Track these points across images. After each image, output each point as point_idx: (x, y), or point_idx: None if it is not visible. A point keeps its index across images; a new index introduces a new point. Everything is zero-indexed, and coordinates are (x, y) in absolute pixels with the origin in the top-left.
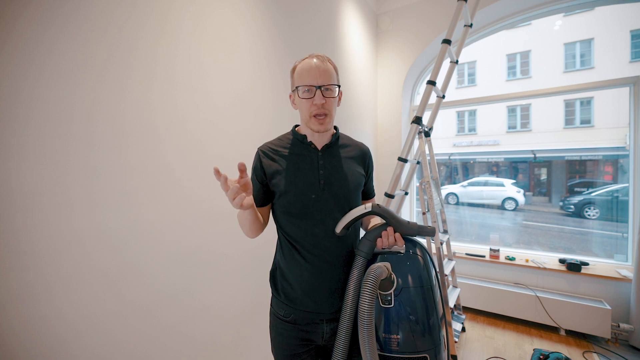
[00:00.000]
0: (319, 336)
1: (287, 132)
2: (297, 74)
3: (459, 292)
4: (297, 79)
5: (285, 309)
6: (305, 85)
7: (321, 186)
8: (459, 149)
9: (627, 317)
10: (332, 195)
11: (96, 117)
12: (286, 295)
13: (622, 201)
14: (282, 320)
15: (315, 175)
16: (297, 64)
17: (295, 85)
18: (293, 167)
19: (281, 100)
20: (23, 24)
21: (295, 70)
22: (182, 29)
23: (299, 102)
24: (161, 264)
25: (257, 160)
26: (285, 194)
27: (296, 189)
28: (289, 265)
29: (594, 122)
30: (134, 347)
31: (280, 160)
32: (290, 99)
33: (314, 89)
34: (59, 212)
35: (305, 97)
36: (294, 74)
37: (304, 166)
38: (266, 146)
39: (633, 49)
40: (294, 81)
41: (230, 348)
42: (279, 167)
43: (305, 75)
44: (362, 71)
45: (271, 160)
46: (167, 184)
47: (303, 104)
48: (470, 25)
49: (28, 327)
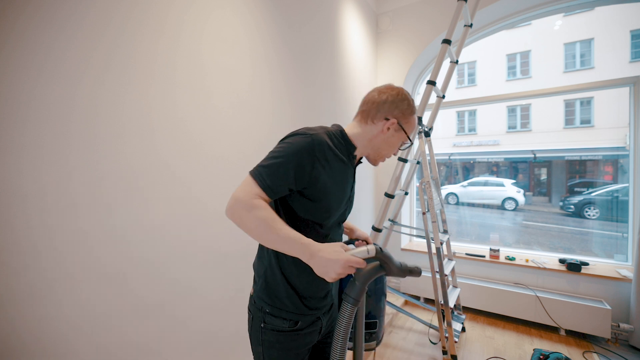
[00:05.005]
0: (317, 333)
1: (336, 131)
2: (411, 126)
3: (459, 292)
4: (409, 128)
5: (290, 318)
6: (409, 140)
7: (346, 203)
8: (459, 149)
9: (627, 317)
10: (347, 210)
11: (97, 117)
12: (292, 303)
13: (622, 201)
14: (288, 332)
15: (347, 191)
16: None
17: (407, 132)
18: (336, 179)
19: (281, 100)
20: (23, 24)
21: (412, 120)
22: (182, 29)
23: (391, 141)
24: (164, 262)
25: (311, 161)
26: (318, 202)
27: (331, 203)
28: (293, 266)
29: (594, 122)
30: (145, 343)
31: (328, 168)
32: (388, 124)
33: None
34: (60, 212)
35: (398, 147)
36: (409, 119)
37: (343, 180)
38: (326, 145)
39: (633, 48)
40: (407, 127)
41: (235, 337)
42: (326, 176)
43: (413, 133)
44: (362, 71)
45: (322, 167)
46: (168, 183)
47: (390, 146)
48: (470, 25)
49: (31, 326)
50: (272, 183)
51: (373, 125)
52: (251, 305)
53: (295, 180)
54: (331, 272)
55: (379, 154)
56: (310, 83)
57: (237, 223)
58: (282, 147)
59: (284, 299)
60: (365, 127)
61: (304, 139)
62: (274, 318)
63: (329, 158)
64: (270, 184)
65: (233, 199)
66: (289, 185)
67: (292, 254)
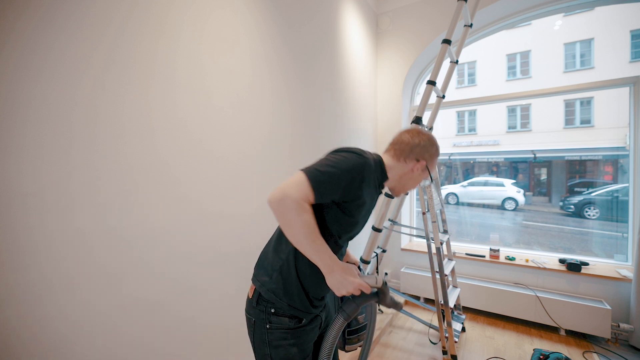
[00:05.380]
0: (318, 329)
1: (377, 160)
2: (434, 165)
3: (459, 292)
4: (432, 169)
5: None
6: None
7: (361, 226)
8: (459, 149)
9: (627, 317)
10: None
11: (97, 117)
12: (300, 300)
13: (622, 201)
14: (293, 329)
15: (370, 214)
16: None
17: (430, 169)
18: (368, 202)
19: (281, 100)
20: (23, 24)
21: (435, 162)
22: (182, 29)
23: (417, 178)
24: (164, 262)
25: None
26: (350, 217)
27: (359, 220)
28: (307, 267)
29: (594, 122)
30: (145, 343)
31: (367, 190)
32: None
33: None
34: (60, 212)
35: (420, 182)
36: (434, 161)
37: (372, 204)
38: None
39: (633, 48)
40: (432, 168)
41: (240, 332)
42: (365, 197)
43: (434, 172)
44: (362, 71)
45: (366, 187)
46: (168, 183)
47: (415, 182)
48: (470, 25)
49: (30, 326)
50: (324, 189)
51: (404, 164)
52: (252, 309)
53: (343, 193)
54: (342, 289)
55: (404, 188)
56: (310, 83)
57: (278, 215)
58: (337, 159)
59: (294, 295)
60: (397, 163)
61: (359, 159)
62: (279, 317)
63: (370, 182)
64: (321, 190)
65: (284, 194)
66: (335, 196)
67: (316, 262)
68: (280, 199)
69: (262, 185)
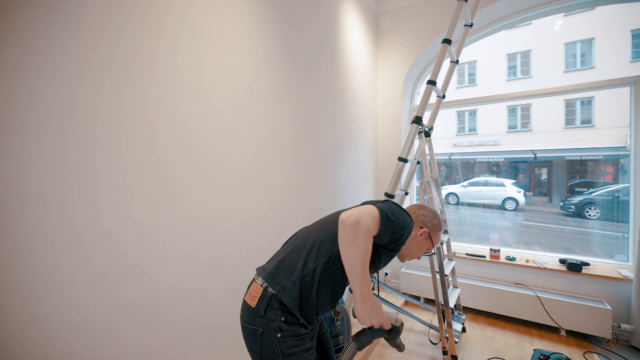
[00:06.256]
0: (316, 331)
1: None
2: (437, 239)
3: (459, 292)
4: (435, 242)
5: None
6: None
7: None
8: (459, 149)
9: (627, 318)
10: None
11: (96, 117)
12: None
13: (622, 201)
14: (303, 335)
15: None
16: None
17: (432, 244)
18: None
19: (281, 100)
20: (23, 24)
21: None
22: (182, 29)
23: (420, 245)
24: (160, 264)
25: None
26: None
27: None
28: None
29: (595, 122)
30: (141, 344)
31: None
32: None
33: None
34: (60, 212)
35: (423, 252)
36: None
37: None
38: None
39: (634, 48)
40: (434, 239)
41: (236, 334)
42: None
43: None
44: (362, 71)
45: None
46: (167, 184)
47: (418, 249)
48: (470, 25)
49: (27, 326)
50: (385, 232)
51: (419, 238)
52: (257, 319)
53: (392, 241)
54: (367, 320)
55: (408, 252)
56: (310, 83)
57: (348, 235)
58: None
59: (308, 305)
60: None
61: (411, 225)
62: (290, 325)
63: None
64: (384, 231)
65: (361, 219)
66: (386, 241)
67: (355, 288)
68: (357, 221)
69: (262, 187)
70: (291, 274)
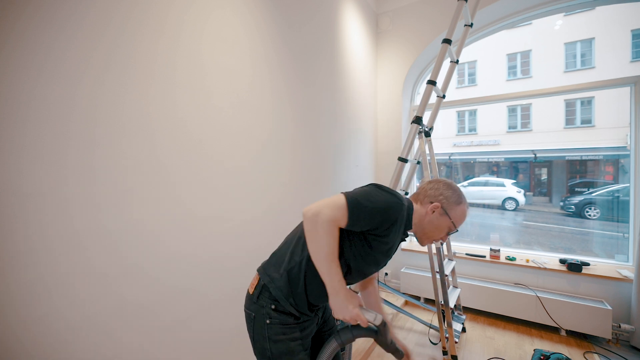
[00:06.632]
0: (315, 324)
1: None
2: (457, 214)
3: (459, 292)
4: (456, 218)
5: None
6: (455, 228)
7: (381, 264)
8: (459, 149)
9: (628, 318)
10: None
11: (96, 118)
12: (301, 302)
13: (623, 201)
14: (292, 324)
15: (389, 256)
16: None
17: (452, 220)
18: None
19: (281, 100)
20: (23, 24)
21: (458, 209)
22: (182, 29)
23: (436, 223)
24: (159, 265)
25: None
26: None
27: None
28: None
29: (595, 122)
30: (141, 344)
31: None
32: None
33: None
34: (60, 212)
35: (445, 232)
36: (454, 207)
37: (392, 247)
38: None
39: (634, 48)
40: (452, 214)
41: (235, 335)
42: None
43: (460, 221)
44: (362, 71)
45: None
46: (168, 184)
47: (436, 228)
48: (470, 25)
49: (27, 326)
50: (357, 218)
51: (422, 207)
52: (252, 304)
53: (373, 227)
54: (339, 313)
55: (425, 233)
56: (310, 83)
57: (308, 228)
58: (380, 197)
59: (297, 297)
60: (417, 207)
61: (398, 204)
62: (279, 313)
63: (399, 228)
64: (355, 218)
65: (320, 210)
66: (365, 227)
67: (325, 281)
68: (315, 214)
69: (262, 187)
70: (279, 266)
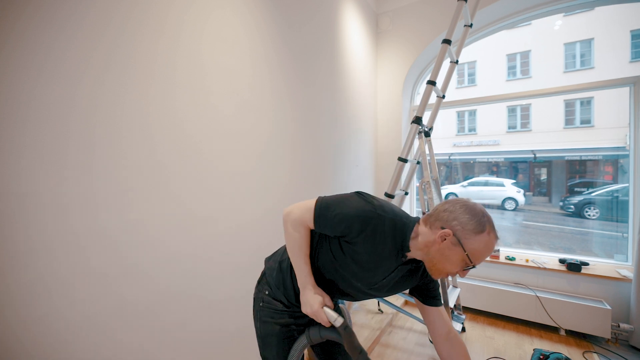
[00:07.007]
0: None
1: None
2: (475, 246)
3: (459, 292)
4: (473, 251)
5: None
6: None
7: (372, 287)
8: (459, 149)
9: (627, 317)
10: (372, 294)
11: (95, 118)
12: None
13: (622, 201)
14: (280, 310)
15: (376, 278)
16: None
17: (466, 253)
18: (371, 258)
19: (281, 100)
20: (23, 24)
21: (476, 240)
22: (182, 29)
23: (447, 254)
24: (158, 265)
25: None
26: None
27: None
28: None
29: (594, 122)
30: (138, 346)
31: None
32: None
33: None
34: (60, 212)
35: (460, 267)
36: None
37: (379, 266)
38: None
39: (633, 49)
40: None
41: (235, 335)
42: (363, 248)
43: (479, 256)
44: (362, 71)
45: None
46: (167, 184)
47: (447, 260)
48: (470, 25)
49: (27, 326)
50: (323, 222)
51: (430, 232)
52: (256, 287)
53: (342, 233)
54: (304, 307)
55: (433, 265)
56: (310, 83)
57: (283, 226)
58: (353, 204)
59: (287, 288)
60: (425, 230)
61: (371, 211)
62: (270, 299)
63: (376, 238)
64: (320, 222)
65: (292, 210)
66: (334, 233)
67: (296, 274)
68: (287, 213)
69: (262, 187)
70: (277, 257)
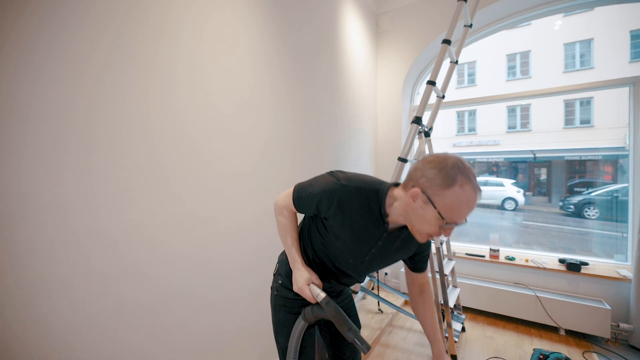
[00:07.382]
0: None
1: (374, 192)
2: (446, 201)
3: (459, 292)
4: (444, 206)
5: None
6: (444, 220)
7: (364, 260)
8: (459, 149)
9: (626, 317)
10: (368, 267)
11: (95, 118)
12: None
13: (621, 201)
14: (292, 299)
15: (363, 249)
16: (458, 185)
17: (441, 212)
18: (352, 231)
19: (281, 100)
20: (23, 24)
21: (447, 195)
22: (182, 29)
23: (421, 214)
24: (161, 264)
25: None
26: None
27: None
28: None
29: (594, 122)
30: (138, 346)
31: (342, 216)
32: (412, 193)
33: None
34: (60, 212)
35: (437, 225)
36: (440, 192)
37: (362, 236)
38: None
39: (633, 49)
40: (438, 201)
41: (235, 335)
42: (337, 222)
43: (451, 211)
44: (362, 71)
45: (336, 213)
46: (167, 184)
47: (422, 221)
48: (470, 26)
49: (27, 326)
50: (301, 204)
51: (404, 192)
52: (273, 277)
53: (317, 211)
54: (293, 285)
55: (412, 226)
56: (310, 83)
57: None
58: (320, 183)
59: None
60: (402, 194)
61: (335, 184)
62: (283, 288)
63: (345, 210)
64: (298, 204)
65: (278, 200)
66: (312, 212)
67: (287, 257)
68: (275, 202)
69: (262, 187)
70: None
